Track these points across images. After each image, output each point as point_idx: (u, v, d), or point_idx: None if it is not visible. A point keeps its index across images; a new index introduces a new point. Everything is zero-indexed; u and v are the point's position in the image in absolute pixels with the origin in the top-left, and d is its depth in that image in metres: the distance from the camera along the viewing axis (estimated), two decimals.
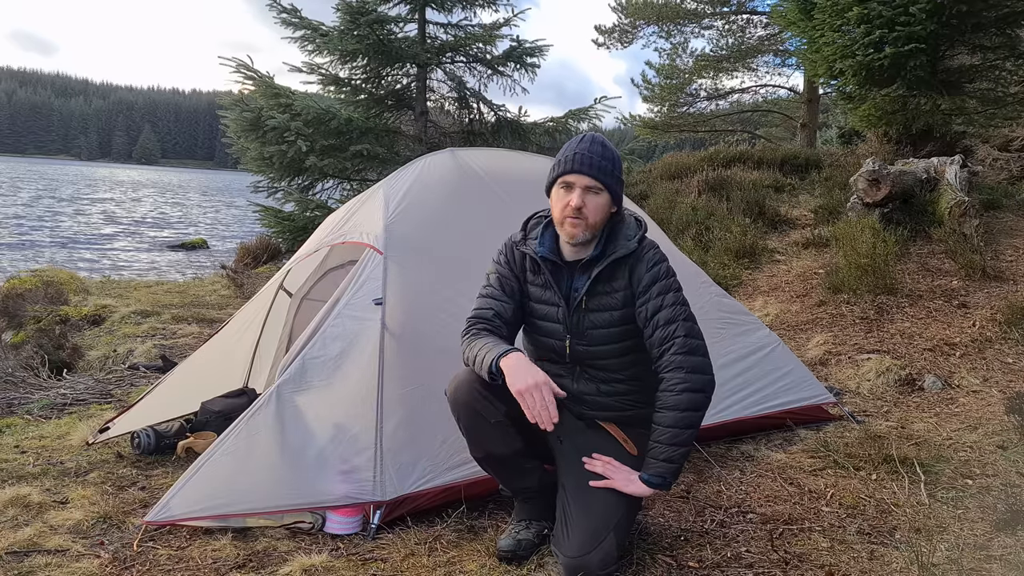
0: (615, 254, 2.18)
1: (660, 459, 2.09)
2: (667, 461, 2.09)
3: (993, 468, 3.04)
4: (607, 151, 2.18)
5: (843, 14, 7.25)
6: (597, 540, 2.05)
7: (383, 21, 9.04)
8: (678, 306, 2.15)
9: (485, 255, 3.03)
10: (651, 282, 2.16)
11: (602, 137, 2.24)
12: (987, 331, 4.52)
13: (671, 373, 2.09)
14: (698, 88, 17.66)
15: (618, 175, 2.20)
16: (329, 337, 2.72)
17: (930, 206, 6.18)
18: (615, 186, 2.19)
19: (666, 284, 2.17)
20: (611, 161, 2.18)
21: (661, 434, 2.09)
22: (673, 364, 2.09)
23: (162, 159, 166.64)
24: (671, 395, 2.08)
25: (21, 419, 3.97)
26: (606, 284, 2.20)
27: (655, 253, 2.21)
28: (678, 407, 2.07)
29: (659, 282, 2.16)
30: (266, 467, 2.52)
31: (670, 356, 2.10)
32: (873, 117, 8.22)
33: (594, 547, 2.04)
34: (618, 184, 2.20)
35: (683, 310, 2.15)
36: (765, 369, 3.47)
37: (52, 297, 7.17)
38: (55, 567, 2.24)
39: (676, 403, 2.07)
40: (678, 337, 2.10)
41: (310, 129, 8.67)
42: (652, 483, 2.11)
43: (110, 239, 19.22)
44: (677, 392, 2.07)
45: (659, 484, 2.11)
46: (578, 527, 2.11)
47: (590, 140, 2.20)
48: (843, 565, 2.28)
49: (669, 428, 2.08)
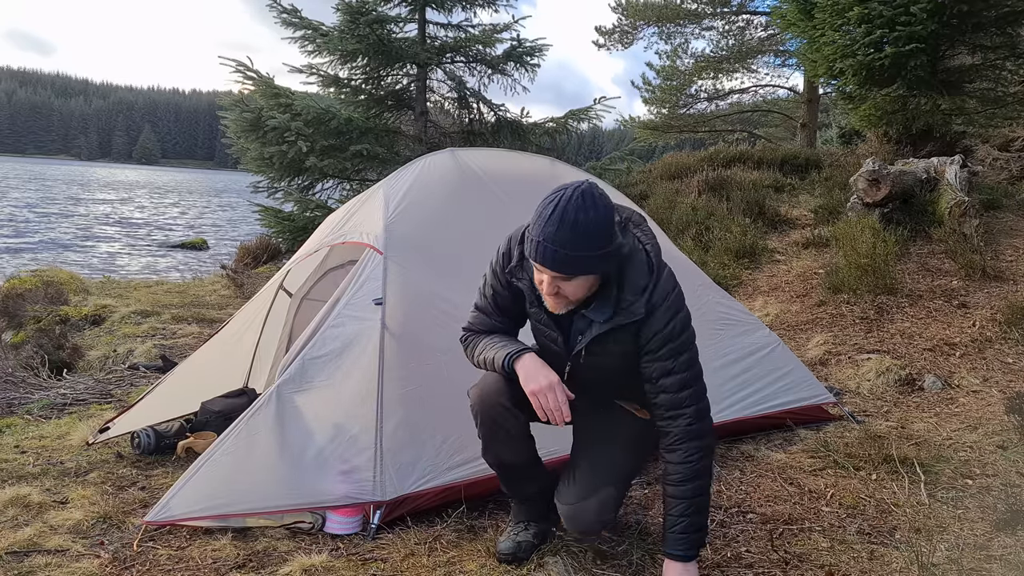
0: (616, 321, 1.97)
1: (692, 531, 2.00)
2: (698, 531, 2.01)
3: (993, 468, 3.04)
4: (576, 233, 1.78)
5: (843, 14, 7.25)
6: (595, 489, 2.06)
7: (383, 21, 9.03)
8: (690, 370, 1.99)
9: (485, 255, 3.03)
10: (662, 344, 1.97)
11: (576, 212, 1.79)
12: (987, 331, 4.52)
13: (686, 444, 1.98)
14: (698, 89, 17.68)
15: (593, 254, 1.83)
16: (329, 337, 2.72)
17: (930, 206, 6.18)
18: (592, 266, 1.87)
19: (679, 346, 1.97)
20: (578, 248, 1.80)
21: (687, 507, 1.98)
22: (688, 435, 1.98)
23: (162, 159, 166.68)
24: (689, 466, 1.98)
25: (21, 419, 3.97)
26: (605, 344, 2.02)
27: (667, 310, 1.96)
28: (698, 476, 1.99)
29: (671, 343, 1.96)
30: (266, 467, 2.52)
31: (684, 426, 1.98)
32: (873, 117, 8.22)
33: (592, 494, 2.06)
34: (596, 262, 1.86)
35: (694, 372, 2.00)
36: (765, 369, 3.47)
37: (52, 297, 7.17)
38: (55, 567, 2.24)
39: (696, 473, 1.98)
40: (690, 407, 1.98)
41: (310, 129, 8.67)
42: (678, 557, 2.00)
43: (110, 239, 19.22)
44: (695, 462, 1.98)
45: (689, 555, 2.00)
46: (580, 479, 2.14)
47: (556, 222, 1.78)
48: (843, 565, 2.28)
49: (695, 498, 1.99)
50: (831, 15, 7.46)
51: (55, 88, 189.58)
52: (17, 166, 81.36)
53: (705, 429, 2.02)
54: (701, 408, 2.02)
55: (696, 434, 1.99)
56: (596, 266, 1.88)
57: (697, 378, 2.02)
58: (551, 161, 3.68)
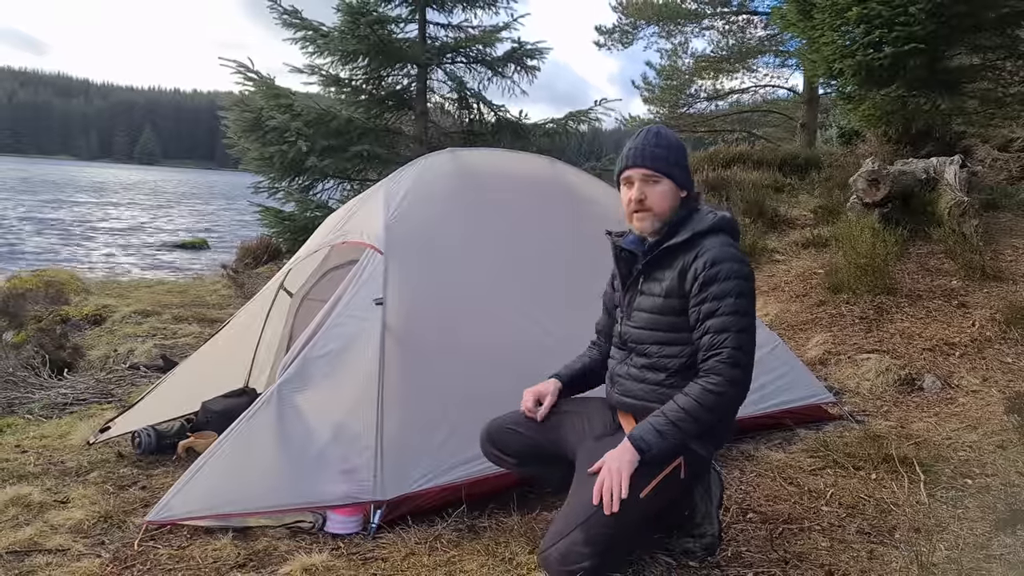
0: (668, 242, 2.17)
1: (655, 427, 2.02)
2: (659, 434, 2.01)
3: (993, 468, 3.04)
4: (662, 140, 2.19)
5: (842, 14, 7.24)
6: (561, 535, 1.99)
7: (383, 22, 9.04)
8: (735, 316, 2.04)
9: (485, 254, 3.03)
10: (707, 281, 2.07)
11: (659, 128, 2.25)
12: (987, 331, 4.52)
13: (711, 376, 2.03)
14: (698, 89, 17.69)
15: (676, 161, 2.19)
16: (330, 337, 2.73)
17: (930, 206, 6.18)
18: (676, 173, 2.18)
19: (725, 288, 2.05)
20: (666, 149, 2.18)
21: (671, 409, 2.04)
22: (715, 370, 2.03)
23: (163, 159, 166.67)
24: (700, 389, 2.03)
25: (22, 419, 3.98)
26: (658, 271, 2.20)
27: (721, 252, 2.09)
28: (701, 401, 2.01)
29: (717, 283, 2.05)
30: (267, 467, 2.52)
31: (714, 362, 2.04)
32: (872, 117, 8.22)
33: (556, 542, 1.98)
34: (679, 170, 2.19)
35: (738, 320, 2.04)
36: (765, 369, 3.46)
37: (53, 297, 7.18)
38: (56, 567, 2.25)
39: (701, 397, 2.02)
40: (726, 348, 2.03)
41: (310, 129, 8.67)
42: (632, 438, 2.02)
43: (110, 239, 19.22)
44: (706, 390, 2.02)
45: (639, 445, 2.00)
46: (553, 523, 2.09)
47: (644, 133, 2.22)
48: (843, 565, 2.29)
49: (681, 410, 2.02)
50: (830, 15, 7.46)
51: (56, 88, 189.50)
52: (17, 166, 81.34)
53: (733, 377, 2.02)
54: (737, 357, 2.02)
55: (720, 372, 2.02)
56: (678, 171, 2.19)
57: (743, 329, 2.04)
58: (551, 161, 3.68)
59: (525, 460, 2.39)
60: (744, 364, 2.05)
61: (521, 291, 2.98)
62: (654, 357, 2.19)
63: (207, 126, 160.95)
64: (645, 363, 2.21)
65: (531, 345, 2.85)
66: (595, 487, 1.97)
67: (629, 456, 2.00)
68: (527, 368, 2.79)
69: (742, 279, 2.08)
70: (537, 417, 2.32)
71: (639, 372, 2.22)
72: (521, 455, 2.38)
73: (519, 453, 2.37)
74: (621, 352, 2.31)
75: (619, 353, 2.32)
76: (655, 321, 2.19)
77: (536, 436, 2.34)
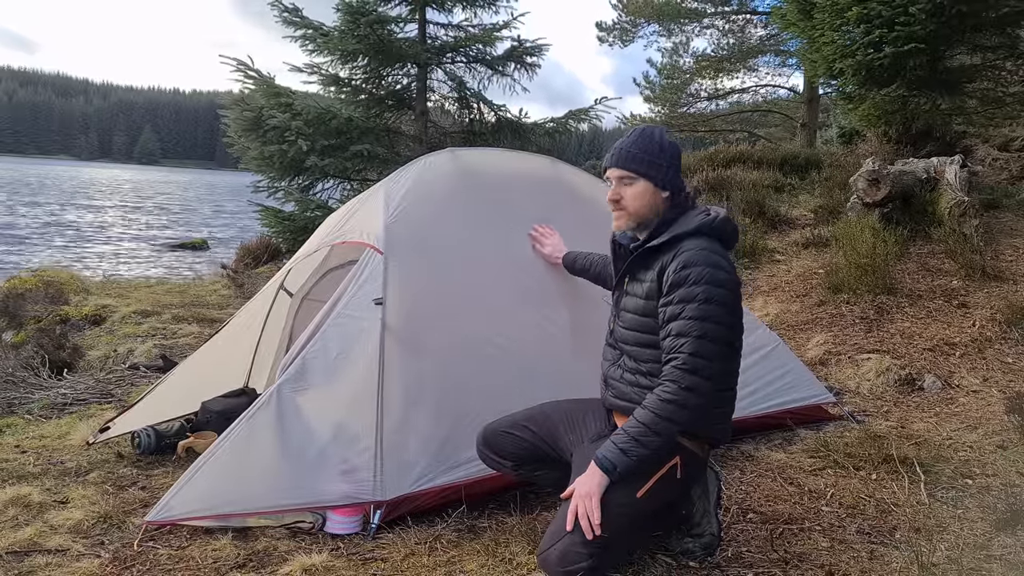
0: (650, 243, 2.18)
1: (618, 445, 2.01)
2: (622, 452, 2.00)
3: (993, 468, 3.04)
4: (643, 140, 2.18)
5: (843, 14, 7.24)
6: (559, 536, 2.00)
7: (383, 21, 9.03)
8: (696, 321, 2.00)
9: (485, 254, 3.02)
10: (676, 284, 2.06)
11: (646, 128, 2.24)
12: (987, 331, 4.52)
13: (666, 384, 2.02)
14: (699, 88, 17.69)
15: (655, 161, 2.16)
16: (329, 337, 2.72)
17: (930, 206, 6.17)
18: (653, 173, 2.16)
19: (692, 292, 2.02)
20: (644, 150, 2.17)
21: (632, 426, 2.02)
22: (670, 377, 2.01)
23: (163, 159, 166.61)
24: (655, 399, 2.01)
25: (22, 419, 3.98)
26: (641, 272, 2.22)
27: (695, 255, 2.07)
28: (658, 412, 2.00)
29: (684, 287, 2.04)
30: (266, 467, 2.52)
31: (670, 368, 2.02)
32: (873, 117, 8.22)
33: (555, 542, 1.99)
34: (656, 169, 2.16)
35: (699, 325, 2.00)
36: (765, 369, 3.47)
37: (52, 297, 7.18)
38: (55, 567, 2.25)
39: (657, 407, 2.00)
40: (683, 353, 2.00)
41: (310, 129, 8.66)
42: (597, 459, 2.01)
43: (110, 239, 19.22)
44: (661, 399, 2.00)
45: (604, 466, 2.00)
46: (552, 524, 2.10)
47: (630, 134, 2.23)
48: (843, 565, 2.28)
49: (640, 424, 2.01)
50: (830, 15, 7.45)
51: (56, 88, 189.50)
52: (18, 166, 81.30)
53: (689, 383, 1.98)
54: (694, 363, 1.99)
55: (676, 380, 1.99)
56: (655, 170, 2.17)
57: (703, 335, 2.00)
58: (551, 161, 3.68)
59: (522, 463, 2.39)
60: (702, 369, 2.00)
61: (521, 291, 2.97)
62: (642, 359, 2.20)
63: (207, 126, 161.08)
64: (634, 366, 2.22)
65: (531, 345, 2.85)
66: (568, 514, 1.98)
67: (597, 479, 2.00)
68: (527, 368, 2.79)
69: (713, 284, 2.03)
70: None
71: (631, 375, 2.22)
72: (518, 458, 2.38)
73: (515, 456, 2.38)
74: (613, 353, 2.31)
75: (611, 354, 2.33)
76: (639, 323, 2.20)
77: (532, 439, 2.34)
